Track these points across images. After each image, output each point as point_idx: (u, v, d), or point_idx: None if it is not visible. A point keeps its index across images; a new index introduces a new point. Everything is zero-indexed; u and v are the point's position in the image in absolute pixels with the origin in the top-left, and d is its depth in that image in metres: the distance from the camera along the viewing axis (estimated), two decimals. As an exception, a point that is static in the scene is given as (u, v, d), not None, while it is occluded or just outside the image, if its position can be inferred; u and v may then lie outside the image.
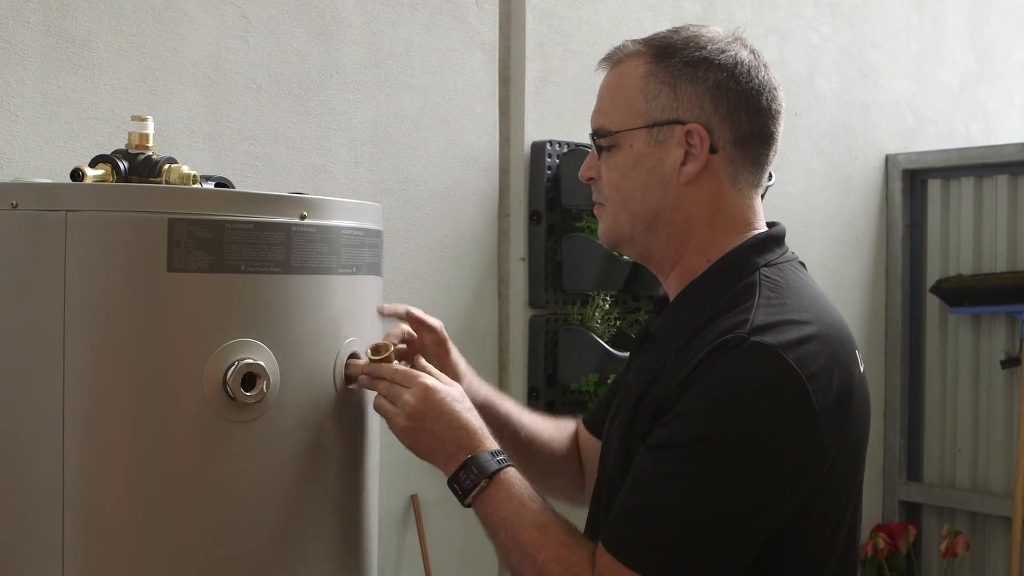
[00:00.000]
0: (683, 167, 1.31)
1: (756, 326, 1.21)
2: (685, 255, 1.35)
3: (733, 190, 1.33)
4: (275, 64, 2.24)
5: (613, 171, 1.35)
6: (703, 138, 1.30)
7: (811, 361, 1.21)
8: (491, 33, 2.64)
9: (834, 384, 1.23)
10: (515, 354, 2.67)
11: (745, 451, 1.18)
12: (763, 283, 1.28)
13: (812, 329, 1.24)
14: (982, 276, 3.55)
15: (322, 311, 1.39)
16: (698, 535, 1.19)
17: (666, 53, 1.32)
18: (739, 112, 1.31)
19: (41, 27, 1.93)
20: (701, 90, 1.30)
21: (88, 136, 1.98)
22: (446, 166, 2.55)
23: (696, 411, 1.20)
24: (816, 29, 3.51)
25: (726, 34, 1.35)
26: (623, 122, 1.33)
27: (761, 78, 1.33)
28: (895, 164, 3.77)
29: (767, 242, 1.34)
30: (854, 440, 1.29)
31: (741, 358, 1.20)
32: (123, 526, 1.30)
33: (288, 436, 1.36)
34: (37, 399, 1.28)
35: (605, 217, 1.38)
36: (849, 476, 1.30)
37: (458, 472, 1.35)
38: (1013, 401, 3.50)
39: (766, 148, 1.35)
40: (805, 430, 1.20)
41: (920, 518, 3.75)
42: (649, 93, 1.31)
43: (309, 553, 1.39)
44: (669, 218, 1.33)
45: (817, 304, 1.30)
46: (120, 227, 1.27)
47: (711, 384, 1.20)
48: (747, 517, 1.20)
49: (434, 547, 2.48)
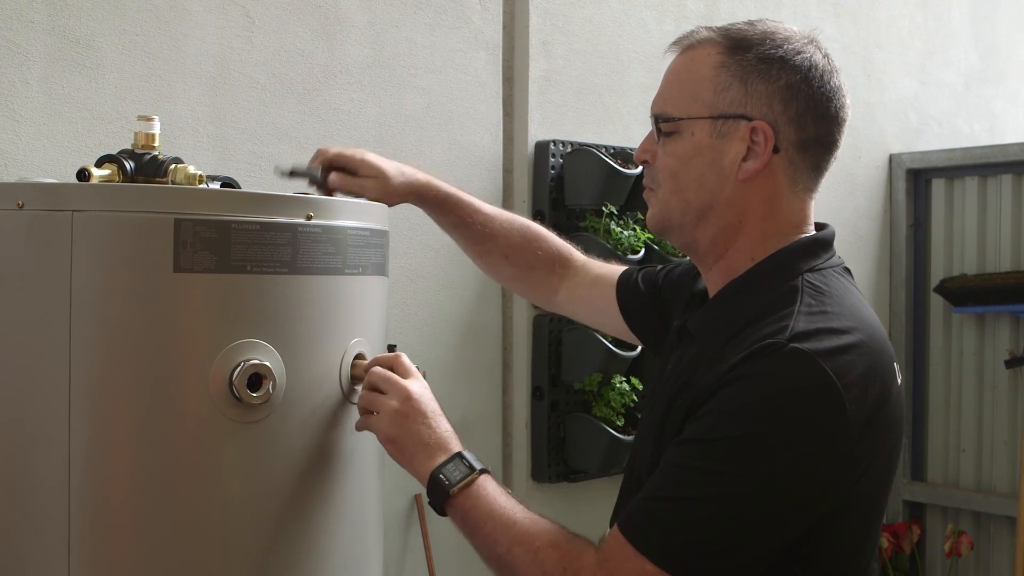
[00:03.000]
0: (743, 163, 1.29)
1: (796, 333, 1.20)
2: (730, 251, 1.33)
3: (789, 192, 1.32)
4: (279, 64, 2.24)
5: (671, 157, 1.32)
6: (768, 137, 1.28)
7: (849, 371, 1.19)
8: (495, 33, 2.63)
9: (870, 395, 1.21)
10: (519, 354, 2.67)
11: (774, 454, 1.17)
12: (805, 289, 1.26)
13: (852, 339, 1.22)
14: (986, 276, 3.55)
15: (328, 312, 1.39)
16: (715, 531, 1.18)
17: (741, 46, 1.30)
18: (807, 116, 1.29)
19: (45, 27, 1.93)
20: (772, 89, 1.28)
21: (92, 136, 1.97)
22: (450, 166, 2.54)
23: (730, 410, 1.19)
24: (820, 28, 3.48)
25: (802, 34, 1.34)
26: (688, 110, 1.31)
27: (832, 84, 1.31)
28: (899, 163, 3.77)
29: (813, 246, 1.33)
30: (887, 453, 1.27)
31: (779, 363, 1.18)
32: (129, 526, 1.30)
33: (294, 437, 1.36)
34: (43, 400, 1.28)
35: (655, 202, 1.36)
36: (878, 489, 1.28)
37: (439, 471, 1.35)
38: (1017, 401, 3.49)
39: (828, 154, 1.33)
40: (837, 439, 1.18)
41: (924, 518, 3.75)
42: (719, 84, 1.29)
43: (315, 553, 1.39)
44: (722, 212, 1.32)
45: (858, 313, 1.28)
46: (126, 227, 1.27)
47: (747, 386, 1.19)
48: (767, 520, 1.19)
49: (438, 547, 2.48)
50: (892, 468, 1.31)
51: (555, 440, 2.68)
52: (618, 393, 2.68)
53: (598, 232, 2.64)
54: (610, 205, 2.65)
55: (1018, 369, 3.48)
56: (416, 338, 2.47)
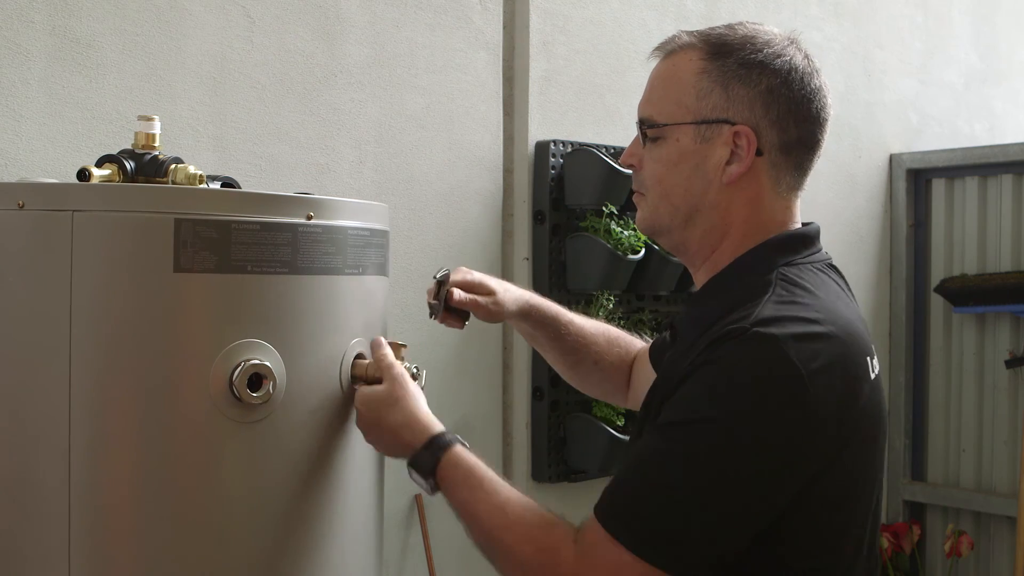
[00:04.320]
0: (727, 167, 1.32)
1: (761, 318, 1.22)
2: (717, 251, 1.36)
3: (773, 193, 1.35)
4: (279, 64, 2.24)
5: (657, 163, 1.35)
6: (751, 140, 1.31)
7: (813, 357, 1.20)
8: (495, 33, 2.63)
9: (836, 385, 1.22)
10: (519, 354, 2.67)
11: (737, 435, 1.19)
12: (779, 282, 1.29)
13: (819, 328, 1.23)
14: (986, 275, 3.55)
15: (328, 311, 1.39)
16: (687, 514, 1.19)
17: (721, 52, 1.32)
18: (788, 118, 1.32)
19: (45, 27, 1.93)
20: (753, 93, 1.31)
21: (92, 136, 1.97)
22: (450, 166, 2.54)
23: (694, 395, 1.22)
24: (820, 28, 3.51)
25: (783, 36, 1.36)
26: (672, 115, 1.34)
27: (813, 85, 1.33)
28: (899, 163, 3.77)
29: (790, 241, 1.35)
30: (859, 446, 1.27)
31: (742, 346, 1.21)
32: (129, 526, 1.30)
33: (294, 437, 1.36)
34: (44, 399, 1.28)
35: (645, 207, 1.39)
36: (854, 484, 1.28)
37: (410, 476, 1.39)
38: (1018, 401, 3.49)
39: (811, 154, 1.36)
40: (798, 424, 1.20)
41: (924, 518, 3.74)
42: (701, 90, 1.32)
43: (315, 553, 1.39)
44: (708, 215, 1.34)
45: (831, 306, 1.29)
46: (126, 227, 1.27)
47: (711, 370, 1.22)
48: (737, 500, 1.20)
49: (438, 547, 2.48)
50: (874, 462, 1.32)
51: (555, 440, 2.68)
52: (618, 393, 2.68)
53: (598, 232, 2.64)
54: (610, 205, 2.65)
55: (1018, 369, 3.48)
56: (416, 338, 2.46)
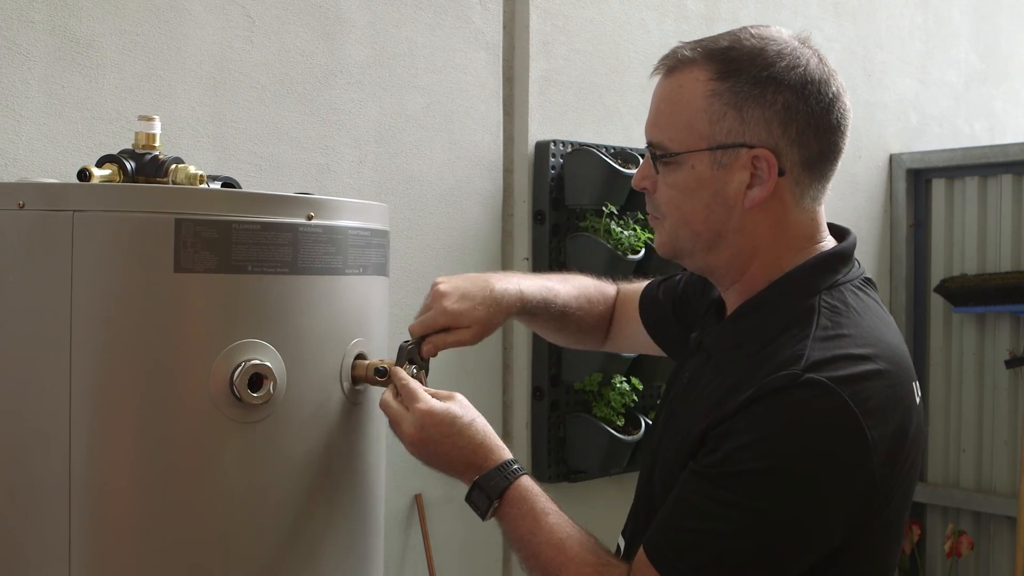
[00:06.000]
0: (748, 191, 1.25)
1: (812, 362, 1.17)
2: (747, 273, 1.30)
3: (798, 208, 1.28)
4: (279, 64, 2.23)
5: (672, 189, 1.28)
6: (771, 163, 1.23)
7: (868, 398, 1.16)
8: (495, 33, 2.63)
9: (891, 422, 1.18)
10: (519, 354, 2.67)
11: (793, 487, 1.15)
12: (822, 310, 1.23)
13: (871, 365, 1.19)
14: (986, 276, 3.55)
15: (329, 312, 1.39)
16: (740, 566, 1.17)
17: (731, 70, 1.24)
18: (808, 133, 1.24)
19: (46, 27, 1.93)
20: (769, 113, 1.23)
21: (92, 136, 1.97)
22: (450, 166, 2.54)
23: (749, 443, 1.17)
24: (820, 28, 3.51)
25: (793, 42, 1.28)
26: (684, 142, 1.26)
27: (831, 94, 1.26)
28: (899, 163, 3.77)
29: (831, 260, 1.29)
30: (909, 478, 1.25)
31: (796, 394, 1.15)
32: (129, 526, 1.30)
33: (295, 437, 1.36)
34: (44, 399, 1.28)
35: (663, 232, 1.32)
36: (900, 513, 1.27)
37: (470, 494, 1.34)
38: (1018, 401, 3.49)
39: (833, 163, 1.29)
40: (857, 470, 1.17)
41: (924, 518, 3.74)
42: (713, 114, 1.24)
43: (315, 553, 1.39)
44: (732, 239, 1.28)
45: (876, 333, 1.24)
46: (127, 227, 1.27)
47: (764, 417, 1.16)
48: (790, 551, 1.18)
49: (438, 546, 2.48)
50: (912, 490, 1.29)
51: (555, 440, 2.68)
52: (618, 393, 2.67)
53: (598, 232, 2.64)
54: (610, 205, 2.65)
55: (1018, 369, 3.48)
56: (416, 338, 2.46)
